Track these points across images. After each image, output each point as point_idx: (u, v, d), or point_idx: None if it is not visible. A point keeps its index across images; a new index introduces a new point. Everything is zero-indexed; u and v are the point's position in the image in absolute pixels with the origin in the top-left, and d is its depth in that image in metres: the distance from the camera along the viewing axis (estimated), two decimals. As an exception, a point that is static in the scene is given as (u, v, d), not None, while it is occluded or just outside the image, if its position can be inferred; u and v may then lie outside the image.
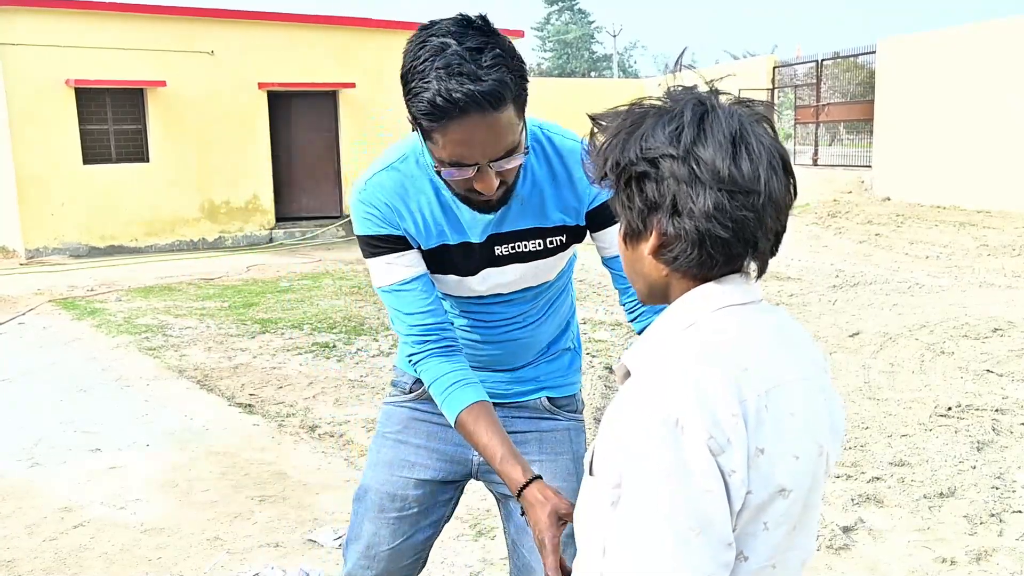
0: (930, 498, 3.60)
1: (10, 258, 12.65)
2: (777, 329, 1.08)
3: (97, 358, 6.41)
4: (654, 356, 1.04)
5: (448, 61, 1.31)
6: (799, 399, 1.03)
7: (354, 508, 1.89)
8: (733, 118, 1.02)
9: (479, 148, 1.38)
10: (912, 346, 5.99)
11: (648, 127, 1.04)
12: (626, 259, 1.13)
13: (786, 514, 1.02)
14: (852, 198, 14.56)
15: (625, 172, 1.04)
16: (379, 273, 1.63)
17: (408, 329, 1.63)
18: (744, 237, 1.01)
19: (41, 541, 3.46)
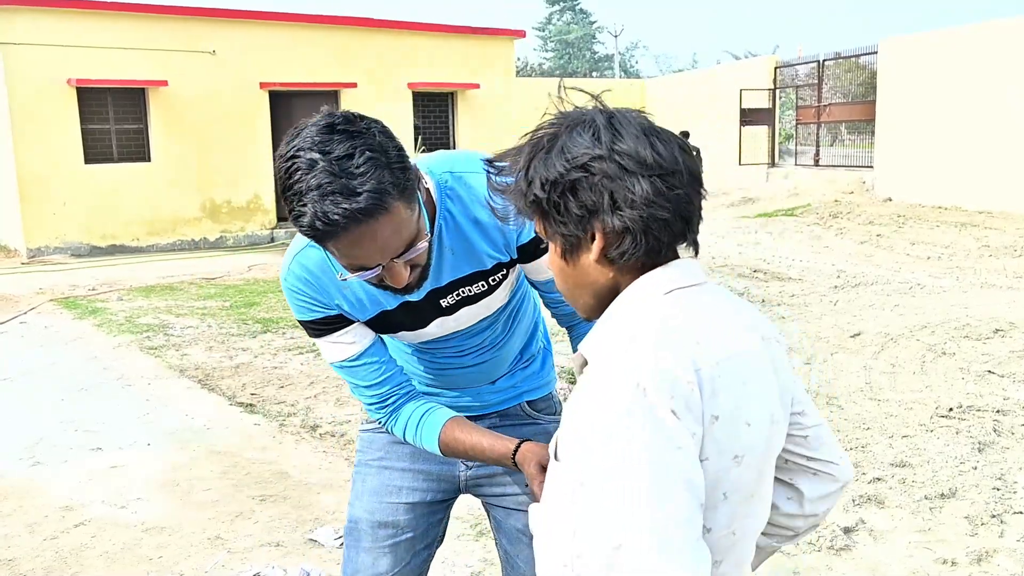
0: (931, 499, 3.60)
1: (12, 257, 12.66)
2: (725, 306, 1.12)
3: (98, 357, 6.41)
4: (609, 341, 1.07)
5: (319, 181, 1.26)
6: (749, 369, 1.08)
7: (346, 543, 1.85)
8: (632, 115, 1.11)
9: (376, 253, 1.35)
10: (913, 347, 5.98)
11: (564, 140, 1.09)
12: (567, 278, 1.15)
13: (742, 481, 1.07)
14: (853, 198, 14.55)
15: (557, 186, 1.08)
16: (327, 351, 1.63)
17: (368, 399, 1.65)
18: (681, 214, 1.08)
19: (42, 540, 3.47)
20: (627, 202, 1.05)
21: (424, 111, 15.79)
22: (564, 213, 1.09)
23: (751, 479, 1.08)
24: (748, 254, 10.47)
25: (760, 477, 1.11)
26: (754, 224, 12.89)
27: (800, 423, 1.23)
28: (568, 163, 1.07)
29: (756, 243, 11.30)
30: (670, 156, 1.07)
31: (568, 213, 1.08)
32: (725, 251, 10.65)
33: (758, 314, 1.19)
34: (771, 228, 12.40)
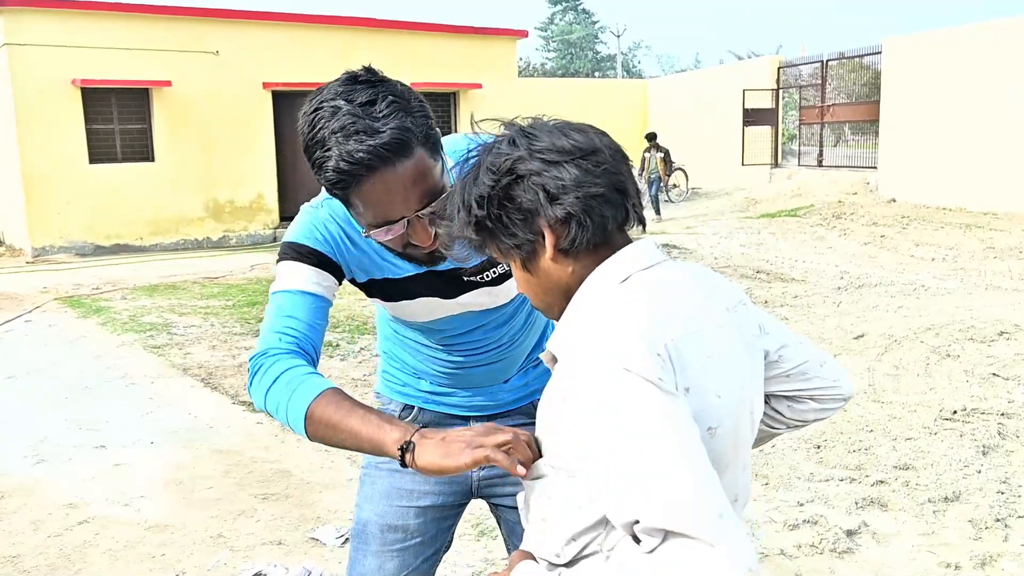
0: (935, 502, 3.59)
1: (17, 256, 12.69)
2: (684, 282, 1.14)
3: (102, 356, 6.42)
4: (576, 336, 1.09)
5: (342, 123, 1.27)
6: (715, 343, 1.10)
7: (353, 545, 1.82)
8: (544, 120, 1.17)
9: (400, 201, 1.33)
10: (917, 349, 5.97)
11: (483, 160, 1.15)
12: (535, 287, 1.19)
13: (716, 453, 1.07)
14: (857, 199, 14.53)
15: (492, 199, 1.13)
16: (289, 276, 1.49)
17: (279, 327, 1.44)
18: (615, 187, 1.12)
19: (46, 537, 3.47)
20: (561, 189, 1.09)
21: (427, 111, 15.80)
22: (508, 222, 1.13)
23: (725, 451, 1.10)
24: (751, 255, 10.46)
25: (735, 448, 1.13)
26: (757, 225, 12.88)
27: (781, 366, 1.27)
28: (494, 174, 1.12)
29: (759, 244, 11.29)
30: (586, 139, 1.13)
31: (512, 220, 1.13)
32: (728, 251, 10.64)
33: (720, 283, 1.21)
34: (774, 229, 12.39)
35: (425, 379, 1.79)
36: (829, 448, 4.21)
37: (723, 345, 1.11)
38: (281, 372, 1.38)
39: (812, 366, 1.30)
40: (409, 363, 1.80)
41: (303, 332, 1.45)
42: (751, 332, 1.21)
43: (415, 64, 15.16)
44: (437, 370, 1.77)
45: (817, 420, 1.36)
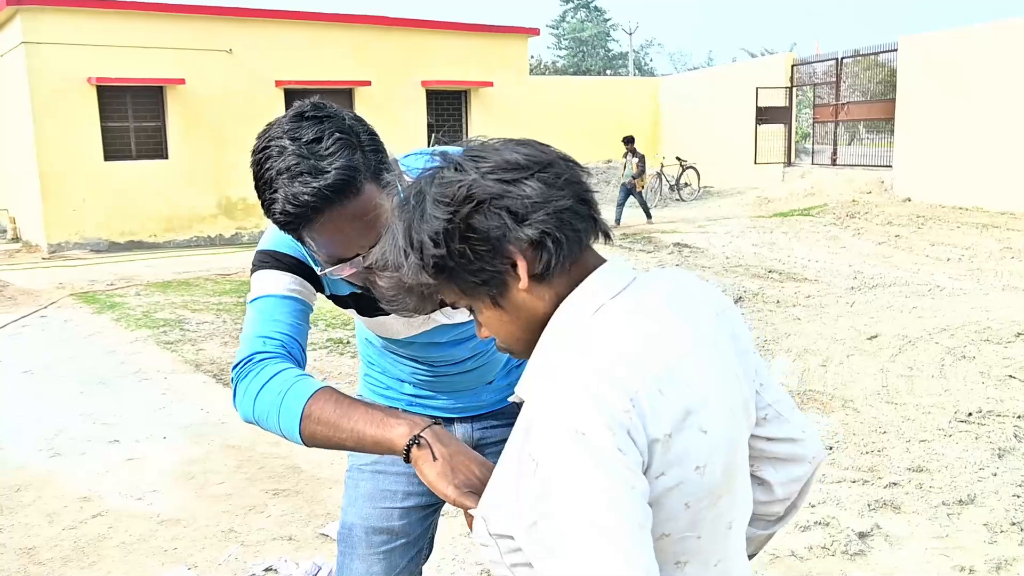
0: (949, 505, 3.56)
1: (33, 252, 12.78)
2: (662, 305, 1.05)
3: (116, 351, 6.46)
4: (542, 379, 1.00)
5: (288, 164, 1.24)
6: (694, 371, 1.01)
7: (340, 549, 1.81)
8: (479, 141, 1.07)
9: (351, 239, 1.29)
10: (932, 350, 5.93)
11: (431, 191, 1.02)
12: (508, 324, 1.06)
13: (705, 488, 1.02)
14: (872, 198, 14.44)
15: (451, 233, 1.00)
16: (268, 282, 1.46)
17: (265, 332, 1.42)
18: (579, 196, 1.02)
19: (61, 530, 3.50)
20: (528, 208, 0.99)
21: (438, 109, 15.82)
22: (473, 257, 1.00)
23: (716, 483, 1.04)
24: (763, 254, 10.42)
25: (729, 476, 1.06)
26: (769, 224, 12.82)
27: (761, 399, 1.17)
28: (448, 204, 1.00)
29: (771, 243, 11.24)
30: (536, 152, 1.03)
31: (477, 253, 1.00)
32: (740, 251, 10.60)
33: (703, 290, 1.13)
34: (787, 228, 12.33)
35: (408, 383, 1.78)
36: (841, 450, 4.19)
37: (705, 370, 1.03)
38: (271, 376, 1.35)
39: (785, 407, 1.20)
40: (390, 371, 1.79)
41: (288, 335, 1.41)
42: (745, 338, 1.14)
43: (426, 62, 15.18)
44: (418, 378, 1.76)
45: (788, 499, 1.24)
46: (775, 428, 1.19)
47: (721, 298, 1.15)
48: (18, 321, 7.67)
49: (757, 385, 1.16)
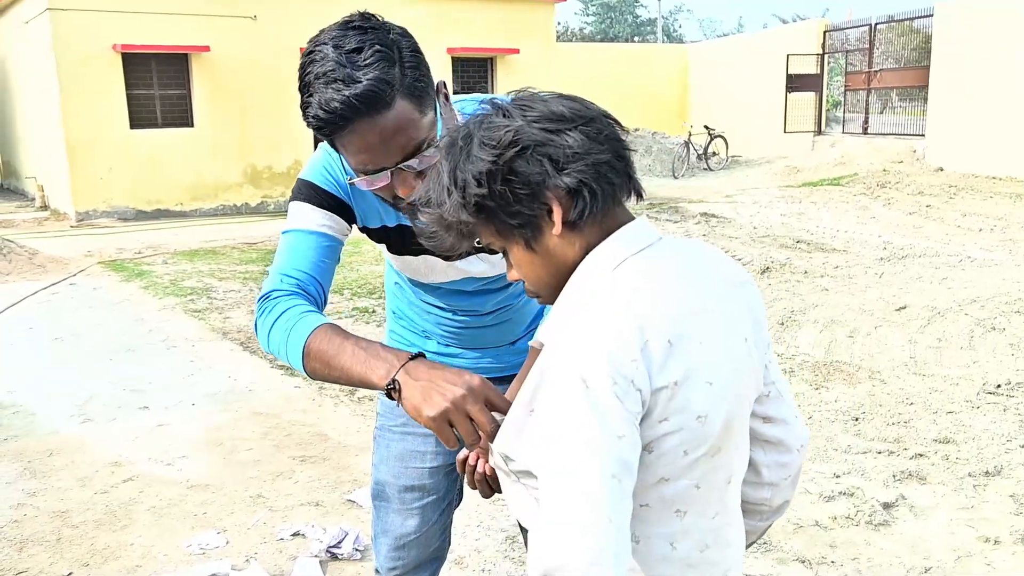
0: (975, 476, 3.54)
1: (61, 221, 12.94)
2: (681, 264, 1.10)
3: (144, 319, 6.55)
4: (560, 326, 1.06)
5: (325, 69, 1.27)
6: (706, 329, 1.07)
7: (375, 504, 1.91)
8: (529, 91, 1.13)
9: (379, 152, 1.31)
10: (961, 321, 5.86)
11: (479, 134, 1.08)
12: (540, 268, 1.12)
13: (705, 438, 1.07)
14: (903, 168, 14.21)
15: (494, 175, 1.06)
16: (300, 216, 1.50)
17: (285, 268, 1.46)
18: (618, 153, 1.08)
19: (93, 494, 3.57)
20: (568, 157, 1.05)
21: (463, 77, 15.71)
22: (513, 199, 1.06)
23: (716, 434, 1.08)
24: (791, 224, 10.30)
25: (728, 430, 1.10)
26: (798, 194, 12.66)
27: (766, 374, 1.21)
28: (494, 148, 1.06)
29: (800, 213, 11.11)
30: (581, 107, 1.09)
31: (516, 196, 1.06)
32: (768, 221, 10.49)
33: (727, 259, 1.18)
34: (816, 198, 12.17)
35: (432, 339, 1.82)
36: (867, 421, 4.17)
37: (718, 329, 1.08)
38: (280, 312, 1.39)
39: (783, 388, 1.24)
40: (416, 322, 1.83)
41: (307, 272, 1.45)
42: (761, 312, 1.18)
43: (452, 29, 15.05)
44: (444, 330, 1.80)
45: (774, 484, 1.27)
46: (773, 407, 1.23)
47: (740, 272, 1.18)
48: (48, 289, 7.79)
49: (766, 360, 1.20)
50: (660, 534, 1.11)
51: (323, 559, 3.01)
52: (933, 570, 2.89)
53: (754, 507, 1.30)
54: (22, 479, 3.72)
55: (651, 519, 1.10)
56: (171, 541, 3.17)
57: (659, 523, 1.10)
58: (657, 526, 1.10)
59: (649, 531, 1.10)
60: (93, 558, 3.07)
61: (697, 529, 1.13)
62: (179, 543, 3.16)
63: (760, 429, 1.24)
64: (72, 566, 3.02)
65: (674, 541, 1.11)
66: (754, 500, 1.29)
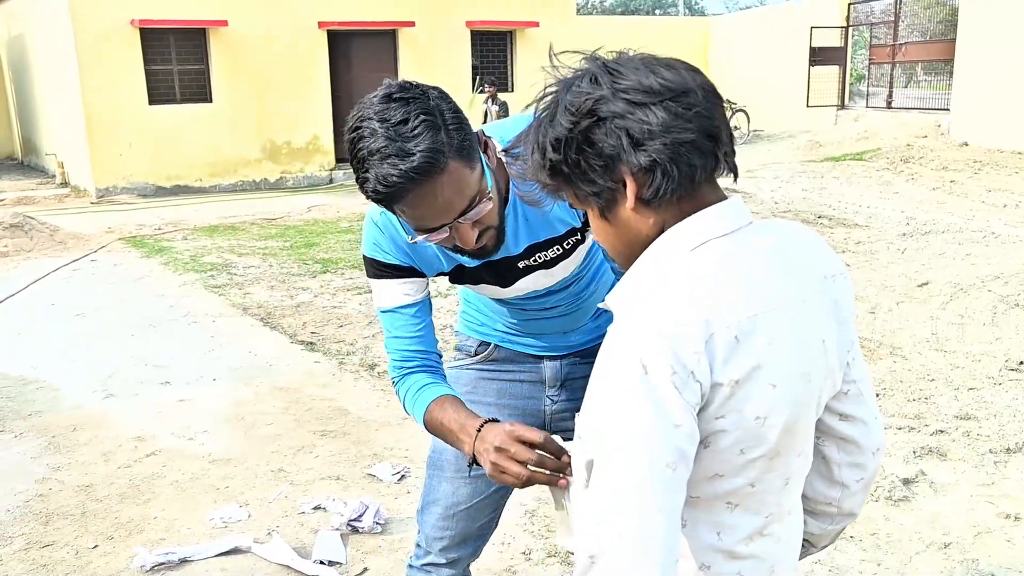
0: (996, 453, 3.51)
1: (81, 197, 13.04)
2: (766, 254, 1.06)
3: (165, 295, 6.60)
4: (627, 301, 1.05)
5: (378, 146, 1.34)
6: (778, 327, 1.02)
7: (428, 472, 1.92)
8: (630, 55, 1.07)
9: (437, 211, 1.40)
10: (984, 298, 5.79)
11: (562, 99, 1.05)
12: (613, 238, 1.11)
13: (763, 440, 1.04)
14: (927, 143, 14.00)
15: (570, 142, 1.04)
16: (380, 294, 1.67)
17: (395, 353, 1.67)
18: (707, 132, 1.02)
19: (116, 468, 3.62)
20: (646, 134, 1.00)
21: (482, 50, 15.60)
22: (587, 168, 1.04)
23: (775, 438, 1.05)
24: (813, 199, 10.20)
25: (790, 436, 1.07)
26: (821, 168, 12.52)
27: (848, 372, 1.18)
28: (573, 115, 1.03)
29: (822, 188, 11.00)
30: (677, 78, 1.02)
31: (591, 167, 1.04)
32: (789, 196, 10.39)
33: (821, 248, 1.13)
34: (838, 173, 12.04)
35: (500, 323, 1.87)
36: (888, 397, 4.14)
37: (790, 329, 1.03)
38: (403, 397, 1.66)
39: (865, 387, 1.21)
40: (484, 310, 1.88)
41: (410, 349, 1.66)
42: (848, 308, 1.13)
43: (471, 2, 14.93)
44: (508, 320, 1.84)
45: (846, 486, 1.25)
46: (852, 406, 1.20)
47: (832, 264, 1.13)
48: (69, 265, 7.86)
49: (849, 358, 1.17)
50: (707, 521, 1.09)
51: (344, 532, 3.04)
52: (952, 546, 2.88)
53: (823, 507, 1.28)
54: (46, 454, 3.78)
55: (700, 507, 1.09)
56: (194, 515, 3.22)
57: (708, 511, 1.09)
58: (706, 513, 1.09)
59: (697, 517, 1.09)
60: (117, 531, 3.12)
61: (747, 524, 1.11)
62: (202, 516, 3.20)
63: (836, 426, 1.21)
64: (97, 539, 3.07)
65: (721, 532, 1.10)
66: (823, 499, 1.27)
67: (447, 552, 1.89)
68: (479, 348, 1.89)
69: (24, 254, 8.40)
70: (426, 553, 1.92)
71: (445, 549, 1.89)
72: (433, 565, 1.91)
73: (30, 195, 12.89)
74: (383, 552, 2.94)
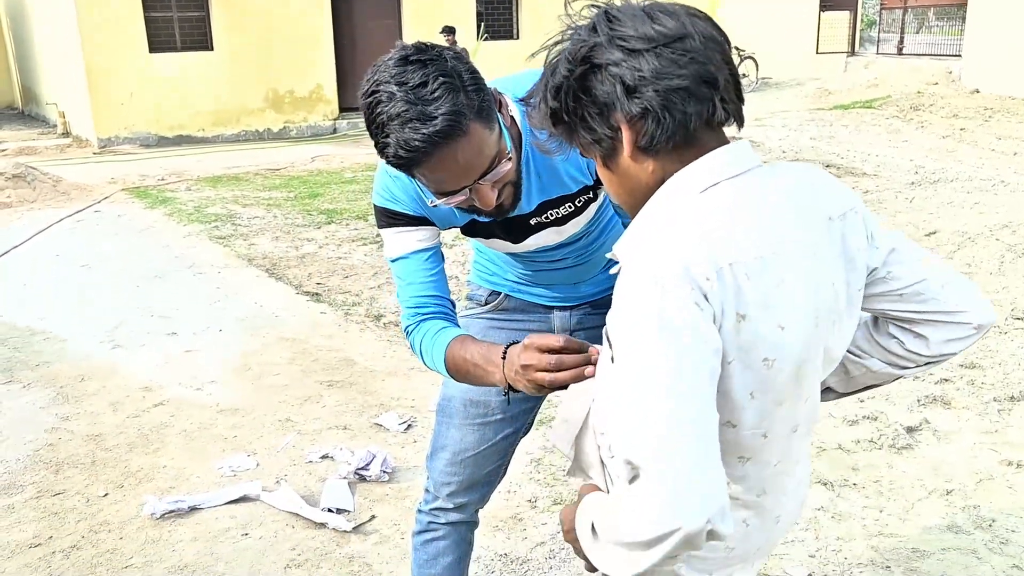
0: (1000, 401, 3.52)
1: (84, 147, 12.96)
2: (779, 194, 1.05)
3: (170, 246, 6.60)
4: (636, 241, 1.04)
5: (398, 111, 1.32)
6: (787, 269, 1.02)
7: (438, 419, 1.93)
8: (633, 3, 1.05)
9: (460, 176, 1.39)
10: (992, 247, 5.75)
11: (563, 48, 1.06)
12: (616, 185, 1.11)
13: (772, 384, 1.04)
14: (938, 90, 13.80)
15: (568, 90, 1.04)
16: (391, 243, 1.66)
17: (407, 302, 1.66)
18: (702, 77, 1.00)
19: (125, 418, 3.66)
20: (639, 81, 1.00)
21: (488, 6, 15.33)
22: (585, 116, 1.05)
23: (784, 382, 1.04)
24: (821, 148, 10.09)
25: (797, 380, 1.06)
26: (829, 116, 12.37)
27: (890, 284, 1.17)
28: (571, 63, 1.04)
29: (831, 136, 10.87)
30: (675, 24, 1.01)
31: (588, 114, 1.04)
32: (797, 145, 10.28)
33: (828, 189, 1.12)
34: (847, 121, 11.89)
35: (510, 273, 1.88)
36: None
37: (799, 272, 1.03)
38: (420, 344, 1.63)
39: (929, 286, 1.18)
40: (496, 260, 1.89)
41: (424, 295, 1.64)
42: (857, 245, 1.12)
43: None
44: (519, 271, 1.85)
45: (944, 355, 1.23)
46: (924, 304, 1.19)
47: (842, 201, 1.12)
48: (73, 216, 7.85)
49: (884, 274, 1.16)
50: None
51: (351, 481, 3.07)
52: (954, 492, 2.90)
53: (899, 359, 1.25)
54: (55, 404, 3.82)
55: None
56: (203, 464, 3.26)
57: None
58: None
59: None
60: (127, 480, 3.16)
61: (756, 476, 1.12)
62: (211, 465, 3.24)
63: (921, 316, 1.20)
64: (107, 487, 3.11)
65: (730, 482, 1.10)
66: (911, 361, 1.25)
67: (455, 497, 1.92)
68: (489, 297, 1.90)
69: (27, 205, 8.38)
70: (434, 498, 1.95)
71: (453, 494, 1.92)
72: (441, 510, 1.94)
73: (32, 145, 12.81)
74: (390, 500, 2.97)
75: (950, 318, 1.20)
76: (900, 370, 1.27)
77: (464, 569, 2.03)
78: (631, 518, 0.92)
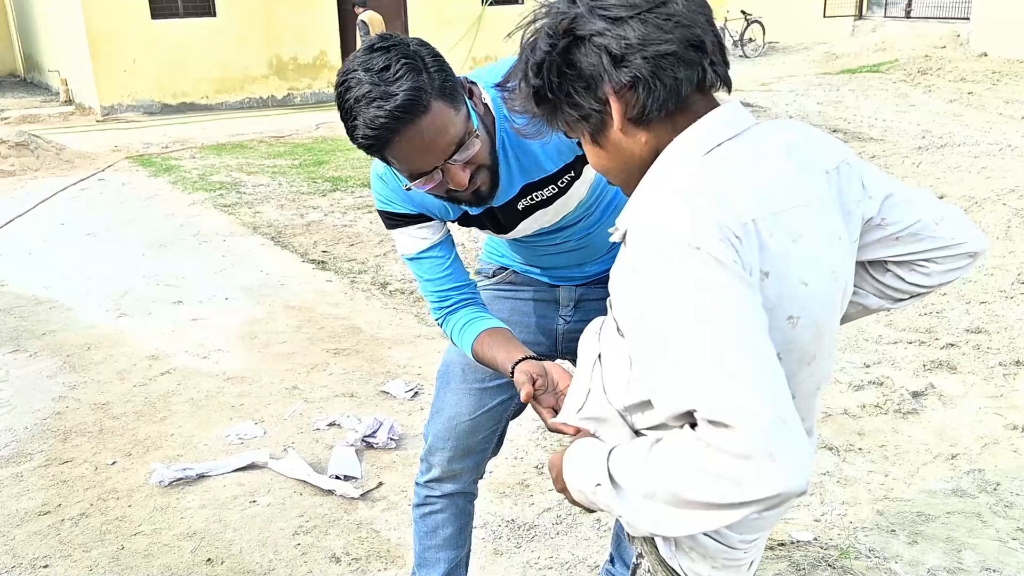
0: (1006, 366, 3.52)
1: (87, 115, 12.90)
2: (782, 151, 1.03)
3: (175, 214, 6.59)
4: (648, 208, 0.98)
5: (363, 92, 1.38)
6: (804, 224, 1.00)
7: (437, 384, 1.96)
8: None
9: (428, 154, 1.42)
10: (999, 211, 5.72)
11: (541, 24, 1.03)
12: (608, 161, 1.07)
13: (797, 343, 1.02)
14: (945, 53, 13.62)
15: (551, 66, 1.01)
16: (401, 243, 1.73)
17: (431, 296, 1.74)
18: (689, 41, 0.98)
19: (132, 386, 3.68)
20: (626, 49, 0.96)
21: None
22: (571, 91, 1.01)
23: (808, 341, 1.02)
24: (828, 113, 10.00)
25: (819, 338, 1.05)
26: (836, 81, 12.24)
27: (887, 229, 1.16)
28: (551, 37, 1.00)
29: (837, 101, 10.76)
30: None
31: (574, 89, 1.01)
32: (804, 110, 10.19)
33: (821, 142, 1.10)
34: (854, 85, 11.76)
35: (518, 257, 1.91)
36: (899, 311, 4.13)
37: (813, 227, 1.01)
38: (451, 334, 1.74)
39: (925, 225, 1.17)
40: (502, 243, 1.92)
41: (444, 288, 1.72)
42: (853, 197, 1.11)
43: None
44: (522, 255, 1.88)
45: (943, 284, 1.23)
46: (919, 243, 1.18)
47: (836, 153, 1.10)
48: (77, 184, 7.83)
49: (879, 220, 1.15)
50: None
51: (359, 448, 3.09)
52: (959, 456, 2.91)
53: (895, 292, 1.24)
54: (62, 372, 3.84)
55: None
56: (210, 431, 3.28)
57: None
58: None
59: None
60: (135, 448, 3.18)
61: None
62: (218, 433, 3.26)
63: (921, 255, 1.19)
64: (115, 455, 3.13)
65: None
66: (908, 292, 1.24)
67: (451, 463, 1.94)
68: (497, 271, 1.95)
69: (31, 173, 8.36)
70: (429, 468, 1.98)
71: (448, 460, 1.94)
72: (436, 481, 1.97)
73: (34, 113, 12.76)
74: (397, 467, 2.99)
75: (948, 251, 1.19)
76: (895, 303, 1.27)
77: (466, 539, 2.06)
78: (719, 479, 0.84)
